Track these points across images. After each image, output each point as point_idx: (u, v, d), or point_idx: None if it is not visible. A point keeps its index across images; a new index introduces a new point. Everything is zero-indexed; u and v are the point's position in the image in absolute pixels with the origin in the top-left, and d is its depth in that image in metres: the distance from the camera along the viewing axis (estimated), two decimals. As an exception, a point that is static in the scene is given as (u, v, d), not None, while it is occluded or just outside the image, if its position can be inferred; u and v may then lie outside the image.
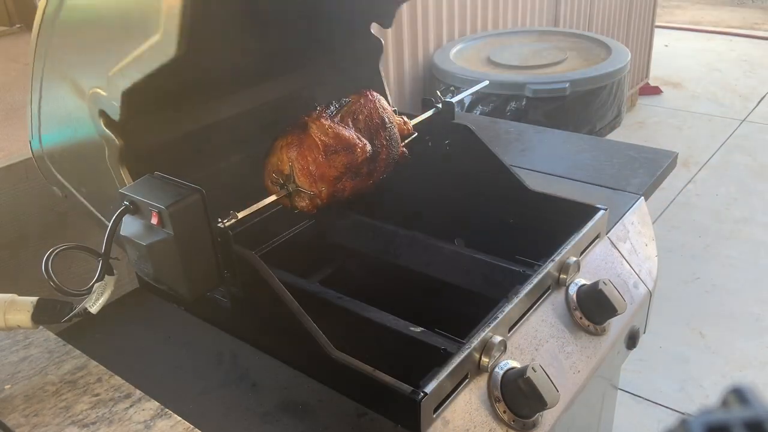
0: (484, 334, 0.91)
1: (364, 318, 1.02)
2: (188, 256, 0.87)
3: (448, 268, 1.15)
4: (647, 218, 1.39)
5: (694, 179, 4.00)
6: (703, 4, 8.39)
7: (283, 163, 1.07)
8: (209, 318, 1.08)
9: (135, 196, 0.87)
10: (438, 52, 2.78)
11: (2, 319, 0.85)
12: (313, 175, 1.07)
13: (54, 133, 1.07)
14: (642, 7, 4.63)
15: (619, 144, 1.65)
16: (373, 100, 1.18)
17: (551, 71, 2.62)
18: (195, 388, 0.95)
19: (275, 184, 1.10)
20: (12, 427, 0.78)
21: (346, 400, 0.91)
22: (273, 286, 0.92)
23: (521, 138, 1.72)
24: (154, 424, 0.77)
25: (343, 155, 1.09)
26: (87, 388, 0.83)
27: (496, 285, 1.09)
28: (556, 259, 1.07)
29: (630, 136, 4.34)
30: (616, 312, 1.07)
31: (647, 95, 5.16)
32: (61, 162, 1.09)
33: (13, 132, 1.11)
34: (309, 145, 1.06)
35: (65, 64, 1.00)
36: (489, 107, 2.53)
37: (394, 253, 1.20)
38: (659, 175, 1.49)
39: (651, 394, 2.46)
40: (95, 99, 0.94)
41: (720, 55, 6.20)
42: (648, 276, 1.28)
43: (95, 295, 0.91)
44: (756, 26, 7.24)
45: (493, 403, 0.91)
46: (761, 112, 4.94)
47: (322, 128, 1.07)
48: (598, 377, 1.11)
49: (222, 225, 0.91)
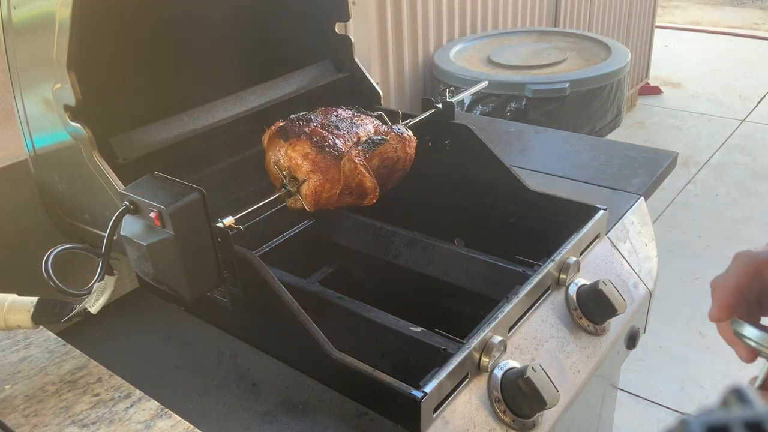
0: (484, 334, 0.91)
1: (364, 318, 1.02)
2: (188, 256, 0.87)
3: (448, 268, 1.15)
4: (647, 218, 1.39)
5: (694, 179, 4.01)
6: (703, 4, 8.39)
7: (297, 168, 1.07)
8: (209, 318, 1.08)
9: (135, 196, 0.87)
10: (438, 52, 2.78)
11: (2, 319, 0.85)
12: (319, 201, 1.08)
13: (42, 137, 1.08)
14: (642, 7, 4.64)
15: (619, 144, 1.65)
16: (411, 153, 1.21)
17: (551, 71, 2.62)
18: (195, 388, 0.95)
19: (277, 175, 1.10)
20: (12, 427, 0.78)
21: (346, 400, 0.91)
22: (273, 286, 0.92)
23: (521, 138, 1.72)
24: (154, 424, 0.77)
25: (353, 198, 1.12)
26: (87, 388, 0.83)
27: (496, 285, 1.09)
28: (556, 259, 1.07)
29: (630, 136, 4.35)
30: (616, 312, 1.07)
31: (647, 95, 5.16)
32: (54, 165, 1.10)
33: (13, 132, 1.11)
34: (332, 179, 1.07)
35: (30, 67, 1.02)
36: (489, 107, 2.53)
37: (394, 253, 1.20)
38: (659, 175, 1.49)
39: (651, 394, 2.46)
40: (57, 96, 0.96)
41: (720, 55, 6.20)
42: (648, 276, 1.28)
43: (95, 295, 0.91)
44: (756, 26, 7.24)
45: (493, 403, 0.91)
46: (761, 112, 4.94)
47: (353, 170, 1.08)
48: (598, 377, 1.11)
49: (222, 225, 0.91)
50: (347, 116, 1.18)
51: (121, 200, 0.88)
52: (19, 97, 1.06)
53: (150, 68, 1.15)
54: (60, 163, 1.08)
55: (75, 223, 1.13)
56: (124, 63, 1.10)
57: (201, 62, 1.24)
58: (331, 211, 1.18)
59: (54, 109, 0.98)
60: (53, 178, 1.11)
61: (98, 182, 1.00)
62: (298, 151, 1.07)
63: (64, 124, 0.98)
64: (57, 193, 1.12)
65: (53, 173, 1.11)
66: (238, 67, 1.31)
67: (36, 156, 1.11)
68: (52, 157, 1.08)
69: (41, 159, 1.11)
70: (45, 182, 1.13)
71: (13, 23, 0.99)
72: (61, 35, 0.90)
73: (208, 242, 0.89)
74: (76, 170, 1.03)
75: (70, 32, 0.88)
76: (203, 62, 1.24)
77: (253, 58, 1.33)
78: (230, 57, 1.29)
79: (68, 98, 0.94)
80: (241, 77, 1.31)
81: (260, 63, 1.35)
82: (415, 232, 1.20)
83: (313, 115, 1.15)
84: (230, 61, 1.29)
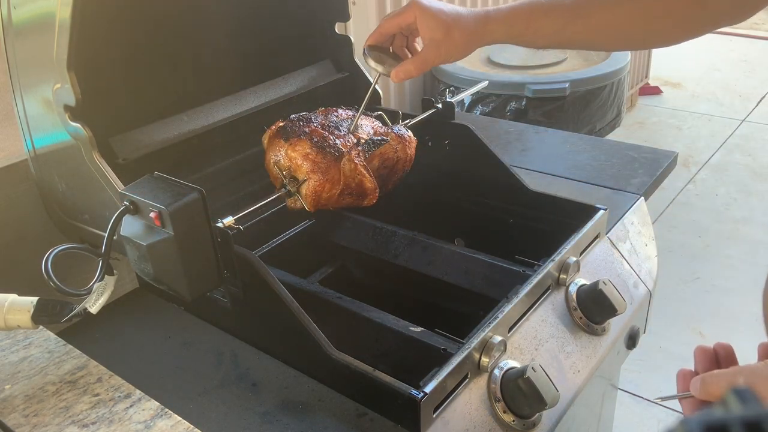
0: (484, 334, 0.91)
1: (364, 318, 1.02)
2: (188, 256, 0.87)
3: (448, 268, 1.15)
4: (647, 218, 1.39)
5: (694, 179, 4.00)
6: (703, 4, 8.38)
7: (297, 168, 1.07)
8: (209, 318, 1.08)
9: (135, 196, 0.87)
10: (438, 52, 2.78)
11: (2, 319, 0.85)
12: (318, 202, 1.08)
13: (42, 137, 1.08)
14: (642, 7, 4.62)
15: (619, 144, 1.65)
16: (411, 154, 1.21)
17: (551, 71, 2.62)
18: (195, 388, 0.95)
19: (277, 175, 1.10)
20: (12, 427, 0.78)
21: (346, 400, 0.91)
22: (273, 286, 0.92)
23: (521, 138, 1.72)
24: (154, 424, 0.77)
25: (353, 198, 1.12)
26: (87, 388, 0.83)
27: (496, 285, 1.09)
28: (556, 259, 1.07)
29: (630, 136, 4.34)
30: (616, 312, 1.07)
31: (647, 95, 5.16)
32: (54, 165, 1.10)
33: (13, 132, 1.11)
34: (332, 179, 1.07)
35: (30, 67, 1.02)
36: (489, 107, 2.53)
37: (394, 253, 1.20)
38: (659, 175, 1.49)
39: (651, 394, 2.46)
40: (57, 96, 0.96)
41: (720, 55, 6.20)
42: (648, 276, 1.28)
43: (95, 295, 0.91)
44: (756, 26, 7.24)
45: (493, 403, 0.91)
46: (761, 112, 4.94)
47: (353, 171, 1.09)
48: (598, 377, 1.11)
49: (222, 225, 0.91)
50: (347, 117, 1.18)
51: (121, 200, 0.88)
52: (19, 97, 1.06)
53: (150, 68, 1.15)
54: (60, 163, 1.08)
55: (75, 223, 1.13)
56: (124, 63, 1.10)
57: (201, 62, 1.24)
58: (331, 211, 1.18)
59: (54, 109, 0.98)
60: (53, 178, 1.11)
61: (98, 182, 1.00)
62: (298, 152, 1.07)
63: (64, 124, 0.98)
64: (57, 193, 1.12)
65: (53, 173, 1.11)
66: (238, 67, 1.31)
67: (36, 156, 1.11)
68: (52, 157, 1.08)
69: (41, 159, 1.11)
70: (45, 182, 1.13)
71: (13, 23, 0.99)
72: (61, 35, 0.90)
73: (208, 242, 0.89)
74: (76, 170, 1.03)
75: (70, 32, 0.88)
76: (203, 62, 1.25)
77: (253, 58, 1.34)
78: (230, 57, 1.29)
79: (68, 98, 0.95)
80: (241, 77, 1.31)
81: (260, 63, 1.35)
82: (415, 232, 1.20)
83: (313, 116, 1.15)
84: (230, 60, 1.30)
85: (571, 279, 1.10)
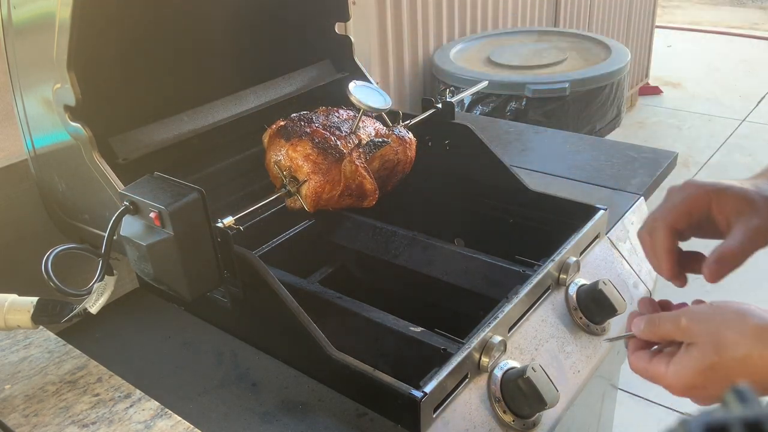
0: (484, 334, 0.91)
1: (364, 318, 1.02)
2: (188, 256, 0.87)
3: (447, 268, 1.15)
4: (647, 218, 1.39)
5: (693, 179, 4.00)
6: (703, 4, 8.40)
7: (298, 169, 1.07)
8: (209, 318, 1.08)
9: (135, 196, 0.87)
10: (438, 52, 2.78)
11: (2, 319, 0.85)
12: (318, 202, 1.09)
13: (42, 137, 1.08)
14: (642, 7, 4.63)
15: (618, 144, 1.65)
16: (411, 156, 1.21)
17: (551, 71, 2.62)
18: (195, 388, 0.95)
19: (277, 174, 1.10)
20: (12, 427, 0.78)
21: (346, 400, 0.91)
22: (273, 286, 0.92)
23: (521, 138, 1.72)
24: (154, 424, 0.77)
25: (353, 199, 1.12)
26: (87, 388, 0.83)
27: (496, 285, 1.09)
28: (556, 259, 1.07)
29: (630, 136, 4.34)
30: (616, 312, 1.07)
31: (647, 95, 5.16)
32: (54, 165, 1.10)
33: (13, 132, 1.11)
34: (332, 180, 1.07)
35: (30, 67, 1.02)
36: (489, 107, 2.53)
37: (394, 253, 1.20)
38: (659, 175, 1.49)
39: (651, 394, 2.46)
40: (57, 96, 0.96)
41: (720, 55, 6.20)
42: (648, 276, 1.28)
43: (95, 295, 0.91)
44: (756, 26, 7.24)
45: (493, 403, 0.91)
46: (761, 112, 4.94)
47: (353, 172, 1.09)
48: (598, 377, 1.11)
49: (222, 225, 0.91)
50: (349, 117, 1.18)
51: (121, 200, 0.88)
52: (19, 97, 1.06)
53: (150, 68, 1.15)
54: (60, 163, 1.08)
55: (75, 223, 1.13)
56: (124, 63, 1.10)
57: (201, 62, 1.24)
58: (331, 211, 1.18)
59: (54, 109, 0.98)
60: (53, 178, 1.11)
61: (98, 182, 1.00)
62: (299, 152, 1.07)
63: (64, 124, 0.98)
64: (57, 193, 1.12)
65: (53, 173, 1.11)
66: (238, 66, 1.31)
67: (36, 156, 1.11)
68: (52, 157, 1.08)
69: (41, 159, 1.11)
70: (45, 182, 1.13)
71: (13, 23, 0.99)
72: (61, 35, 0.90)
73: (208, 242, 0.89)
74: (76, 170, 1.03)
75: (70, 32, 0.88)
76: (203, 62, 1.25)
77: (253, 58, 1.34)
78: (230, 57, 1.29)
79: (68, 98, 0.95)
80: (241, 77, 1.31)
81: (260, 63, 1.35)
82: (415, 232, 1.20)
83: (314, 115, 1.15)
84: (230, 60, 1.29)
85: (571, 279, 1.10)
